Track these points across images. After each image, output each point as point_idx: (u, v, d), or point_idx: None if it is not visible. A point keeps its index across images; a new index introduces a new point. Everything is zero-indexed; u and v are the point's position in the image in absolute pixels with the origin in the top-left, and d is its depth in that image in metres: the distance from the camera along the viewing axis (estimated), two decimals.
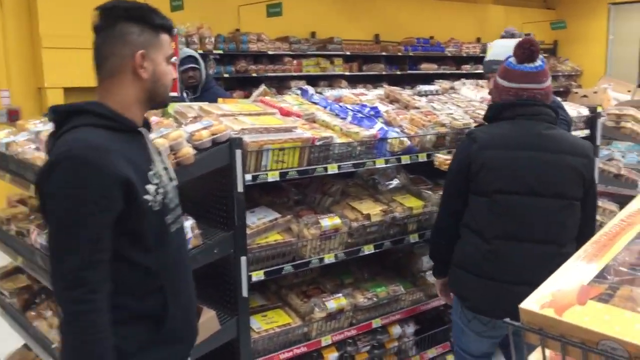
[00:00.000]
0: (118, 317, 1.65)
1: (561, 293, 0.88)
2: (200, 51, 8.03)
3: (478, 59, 11.23)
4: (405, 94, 4.28)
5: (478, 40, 12.41)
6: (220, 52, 8.43)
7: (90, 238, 1.58)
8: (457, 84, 4.93)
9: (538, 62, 2.54)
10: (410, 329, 3.74)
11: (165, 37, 1.80)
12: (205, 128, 2.67)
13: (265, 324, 3.03)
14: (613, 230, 0.96)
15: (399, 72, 10.72)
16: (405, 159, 3.51)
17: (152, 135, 2.47)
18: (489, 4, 13.08)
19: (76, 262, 1.56)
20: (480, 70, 10.63)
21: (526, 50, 2.51)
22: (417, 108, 3.96)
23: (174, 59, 1.90)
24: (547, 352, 0.93)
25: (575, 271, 0.90)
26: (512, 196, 2.48)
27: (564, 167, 2.44)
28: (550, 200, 2.44)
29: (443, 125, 3.70)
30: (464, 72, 11.39)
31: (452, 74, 10.97)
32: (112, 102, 1.74)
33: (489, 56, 3.60)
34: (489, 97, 4.58)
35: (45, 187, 1.62)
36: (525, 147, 2.50)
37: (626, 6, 13.07)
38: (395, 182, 3.75)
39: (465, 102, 4.38)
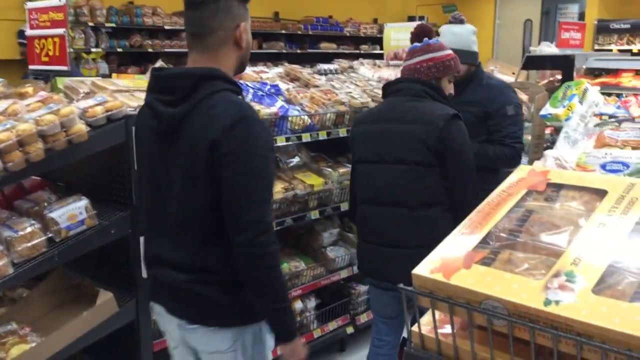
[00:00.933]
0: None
1: (449, 258, 0.96)
2: (91, 24, 7.62)
3: (376, 40, 11.49)
4: (306, 72, 4.32)
5: (375, 21, 12.66)
6: (113, 25, 8.05)
7: (270, 187, 1.88)
8: (355, 63, 5.03)
9: (415, 43, 2.76)
10: (312, 303, 3.83)
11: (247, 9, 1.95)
12: (99, 104, 2.57)
13: None
14: (495, 200, 1.04)
15: (299, 51, 10.75)
16: (306, 137, 3.56)
17: (41, 112, 2.36)
18: None
19: (267, 208, 1.83)
20: (378, 50, 10.92)
21: (412, 35, 2.81)
22: (317, 87, 4.01)
23: None
24: (437, 314, 1.00)
25: (462, 238, 0.98)
26: (366, 165, 2.75)
27: (407, 135, 2.60)
28: (393, 166, 2.64)
29: (342, 103, 3.78)
30: (362, 52, 11.61)
31: (350, 53, 11.14)
32: (224, 70, 1.89)
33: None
34: (385, 76, 4.75)
35: (232, 144, 1.76)
36: (384, 120, 2.73)
37: None
38: (296, 160, 3.80)
39: (363, 82, 4.49)
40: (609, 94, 7.39)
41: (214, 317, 1.90)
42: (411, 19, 13.19)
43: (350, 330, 3.99)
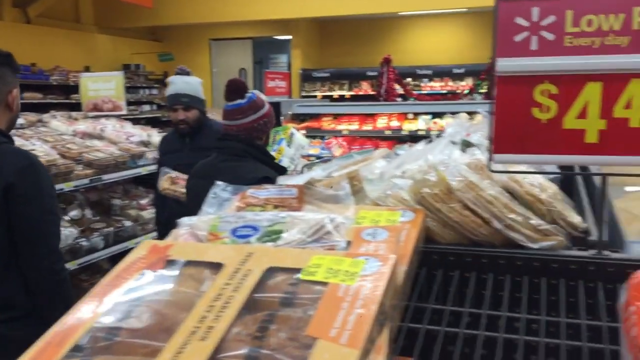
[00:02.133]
0: None
1: None
2: None
3: None
4: None
5: (87, 69, 11.99)
6: None
7: None
8: (46, 116, 4.57)
9: (238, 100, 2.63)
10: None
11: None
12: None
13: None
14: (100, 290, 0.89)
15: None
16: None
17: None
18: (95, 33, 12.81)
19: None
20: None
21: (228, 91, 2.67)
22: None
23: None
24: None
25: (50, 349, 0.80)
26: None
27: None
28: None
29: None
30: (75, 101, 10.86)
31: (60, 103, 10.33)
32: None
33: (173, 90, 3.45)
34: (82, 129, 4.39)
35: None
36: (201, 176, 2.64)
37: (224, 42, 14.40)
38: None
39: (54, 137, 4.08)
40: (314, 137, 8.05)
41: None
42: (126, 67, 12.83)
43: None
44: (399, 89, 8.34)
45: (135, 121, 6.39)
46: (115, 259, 4.19)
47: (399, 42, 13.38)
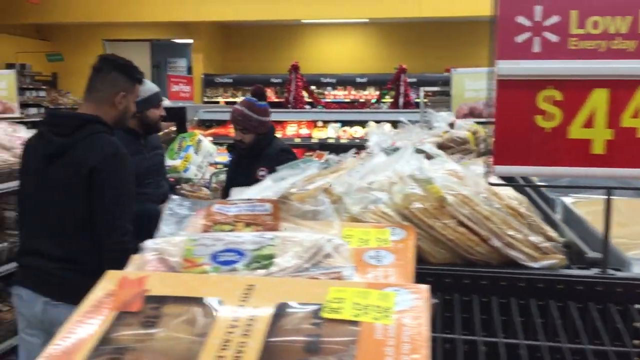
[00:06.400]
0: None
1: None
2: None
3: None
4: None
5: None
6: None
7: None
8: None
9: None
10: None
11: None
12: None
13: None
14: (64, 343, 0.70)
15: None
16: None
17: None
18: None
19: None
20: None
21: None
22: None
23: None
24: None
25: None
26: None
27: None
28: None
29: None
30: None
31: None
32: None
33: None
34: None
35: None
36: None
37: (120, 43, 13.71)
38: None
39: None
40: (222, 144, 7.80)
41: (74, 297, 1.82)
42: (10, 66, 11.84)
43: None
44: (306, 97, 8.28)
45: (21, 125, 5.83)
46: (10, 278, 3.75)
47: (303, 49, 13.37)
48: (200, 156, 5.63)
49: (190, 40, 13.30)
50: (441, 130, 3.29)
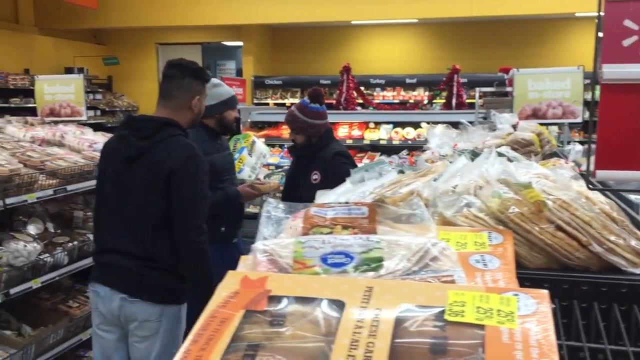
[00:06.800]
0: None
1: None
2: None
3: (28, 92, 10.26)
4: None
5: (27, 71, 11.38)
6: None
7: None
8: (1, 121, 4.23)
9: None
10: None
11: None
12: None
13: None
14: (204, 335, 0.73)
15: None
16: None
17: None
18: (36, 35, 12.18)
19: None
20: (32, 104, 9.75)
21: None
22: None
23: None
24: None
25: None
26: None
27: None
28: None
29: None
30: (14, 105, 10.28)
31: None
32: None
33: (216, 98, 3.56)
34: (41, 135, 4.10)
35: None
36: None
37: (172, 47, 14.00)
38: None
39: (12, 144, 3.76)
40: (274, 145, 7.88)
41: (150, 294, 2.55)
42: (69, 70, 12.26)
43: None
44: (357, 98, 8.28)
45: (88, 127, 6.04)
46: (79, 275, 3.89)
47: (352, 50, 13.37)
48: (254, 157, 5.70)
49: (240, 43, 13.48)
50: (504, 132, 3.26)
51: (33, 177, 3.32)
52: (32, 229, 3.54)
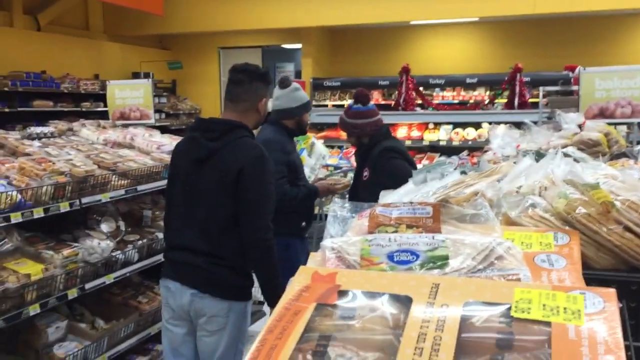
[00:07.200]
0: None
1: None
2: None
3: (99, 97, 10.72)
4: (12, 137, 3.64)
5: (96, 76, 11.88)
6: None
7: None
8: (76, 125, 4.45)
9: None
10: None
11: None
12: None
13: None
14: (279, 325, 0.78)
15: (7, 110, 9.43)
16: (16, 217, 2.92)
17: None
18: (104, 41, 12.70)
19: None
20: (102, 107, 10.19)
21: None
22: (28, 154, 3.39)
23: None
24: None
25: None
26: None
27: None
28: None
29: (62, 173, 3.22)
30: (85, 109, 10.74)
31: (70, 111, 10.21)
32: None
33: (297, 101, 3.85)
34: (113, 138, 4.30)
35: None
36: None
37: (233, 50, 14.30)
38: (5, 246, 3.10)
39: (87, 146, 3.96)
40: (332, 146, 7.94)
41: (219, 290, 2.67)
42: (135, 75, 12.73)
43: None
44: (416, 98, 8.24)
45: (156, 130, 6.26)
46: (147, 272, 4.06)
47: (411, 51, 13.30)
48: (313, 159, 5.76)
49: (299, 45, 13.63)
50: (570, 132, 3.18)
51: (107, 177, 3.49)
52: (105, 227, 3.72)
